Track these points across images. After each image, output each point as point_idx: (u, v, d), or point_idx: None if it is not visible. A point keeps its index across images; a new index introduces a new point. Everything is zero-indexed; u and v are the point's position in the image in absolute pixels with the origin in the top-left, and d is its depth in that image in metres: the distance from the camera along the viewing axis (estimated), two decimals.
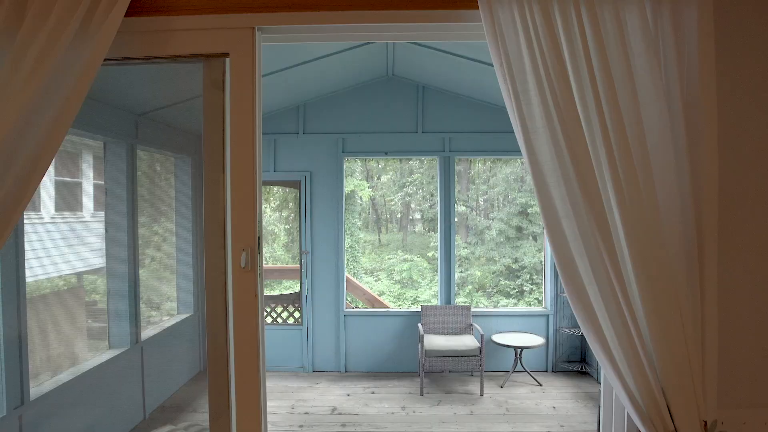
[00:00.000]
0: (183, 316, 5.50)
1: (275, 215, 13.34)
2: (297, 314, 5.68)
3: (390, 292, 12.76)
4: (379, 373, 5.60)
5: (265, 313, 5.88)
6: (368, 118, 5.61)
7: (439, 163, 5.64)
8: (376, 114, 5.60)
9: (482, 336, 5.01)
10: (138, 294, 4.60)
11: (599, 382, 5.33)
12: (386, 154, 5.65)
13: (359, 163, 14.38)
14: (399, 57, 5.04)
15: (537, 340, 5.28)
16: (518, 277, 11.94)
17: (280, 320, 5.72)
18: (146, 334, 4.86)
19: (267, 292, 12.71)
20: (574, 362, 5.60)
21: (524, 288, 11.80)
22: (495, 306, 11.87)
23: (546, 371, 5.61)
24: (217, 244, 1.49)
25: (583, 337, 5.55)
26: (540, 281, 11.98)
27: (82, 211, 9.36)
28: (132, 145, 4.52)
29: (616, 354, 1.41)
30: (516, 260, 12.01)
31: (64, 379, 3.83)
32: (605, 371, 1.43)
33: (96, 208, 9.89)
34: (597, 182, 1.36)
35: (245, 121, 1.46)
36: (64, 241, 8.59)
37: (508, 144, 5.61)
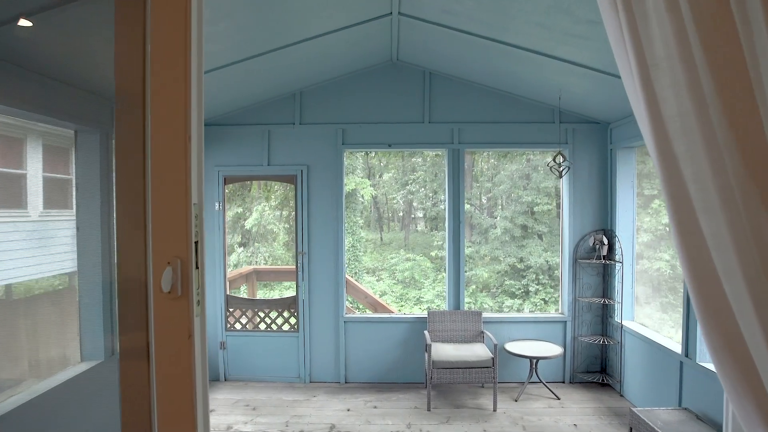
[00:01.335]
0: None
1: (275, 213, 12.74)
2: (293, 320, 5.09)
3: (392, 292, 12.16)
4: (381, 384, 5.01)
5: (258, 319, 5.31)
6: (370, 108, 5.01)
7: (447, 155, 5.03)
8: (378, 103, 5.01)
9: (495, 345, 4.42)
10: (115, 299, 4.02)
11: (622, 396, 4.76)
12: (390, 146, 5.04)
13: (361, 161, 13.76)
14: (404, 39, 4.44)
15: (554, 350, 4.68)
16: (524, 277, 11.34)
17: (274, 327, 5.12)
18: None
19: (262, 295, 12.09)
20: (593, 373, 4.99)
21: (530, 288, 11.20)
22: (500, 306, 11.27)
23: (563, 382, 5.01)
24: (133, 253, 0.90)
25: (603, 346, 4.96)
26: (546, 281, 11.38)
27: (72, 208, 8.78)
28: (107, 134, 3.93)
29: None
30: (521, 260, 11.41)
31: (22, 399, 3.25)
32: None
33: None
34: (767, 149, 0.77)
35: (174, 57, 0.88)
36: (54, 240, 8.00)
37: (522, 135, 5.02)
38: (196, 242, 0.86)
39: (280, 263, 12.82)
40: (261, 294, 11.73)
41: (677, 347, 3.90)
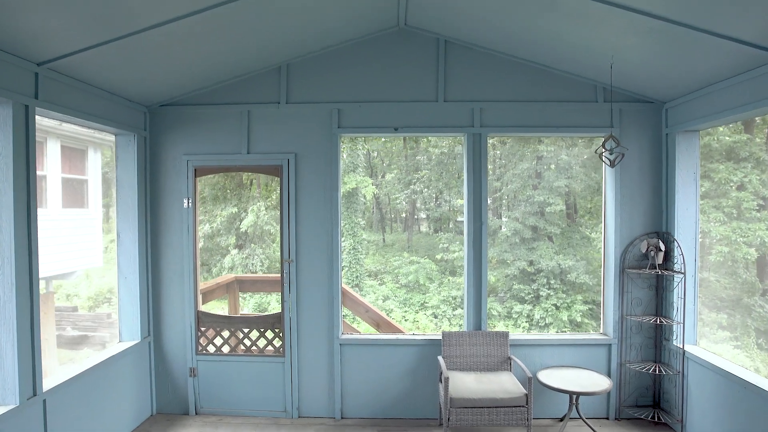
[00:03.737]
0: (127, 345, 3.82)
1: (273, 213, 11.62)
2: (278, 342, 3.99)
3: (395, 296, 11.04)
4: (385, 420, 3.90)
5: (237, 340, 4.21)
6: (372, 84, 3.91)
7: (466, 142, 3.93)
8: (382, 77, 3.90)
9: (530, 379, 3.31)
10: (35, 327, 2.92)
11: None
12: (396, 130, 3.94)
13: (362, 159, 12.65)
14: None
15: (600, 383, 3.55)
16: (534, 281, 10.22)
17: (255, 349, 4.02)
18: (61, 376, 3.18)
19: (253, 307, 10.92)
20: (644, 408, 3.87)
21: (541, 293, 10.08)
22: (509, 312, 10.15)
23: (607, 418, 3.89)
24: None
25: (657, 375, 3.85)
26: (558, 286, 10.25)
27: (47, 207, 7.72)
28: (26, 108, 2.85)
29: None
30: (531, 263, 10.28)
31: None
32: None
33: (65, 204, 8.23)
34: None
35: None
36: None
37: (557, 117, 3.82)
38: None
39: (279, 265, 11.71)
40: (241, 310, 10.60)
41: None
